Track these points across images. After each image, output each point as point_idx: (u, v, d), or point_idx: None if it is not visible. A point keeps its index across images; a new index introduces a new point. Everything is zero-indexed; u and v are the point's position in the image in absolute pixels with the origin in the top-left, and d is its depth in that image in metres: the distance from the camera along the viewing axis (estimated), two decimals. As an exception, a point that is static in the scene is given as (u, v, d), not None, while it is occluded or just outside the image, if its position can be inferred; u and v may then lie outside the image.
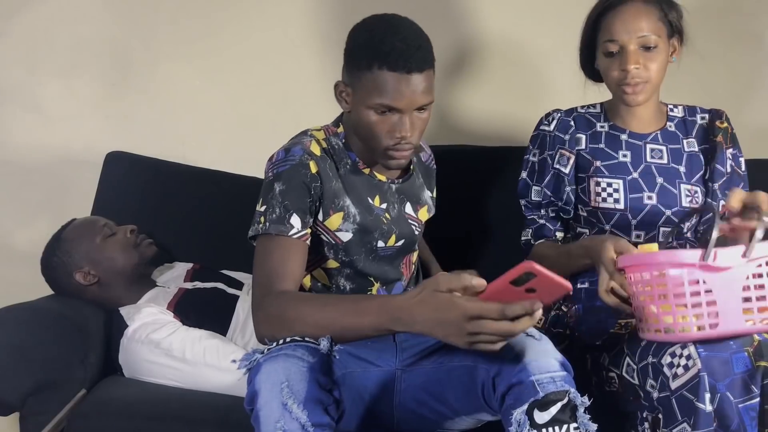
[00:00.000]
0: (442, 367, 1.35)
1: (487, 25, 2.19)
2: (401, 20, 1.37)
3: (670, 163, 1.65)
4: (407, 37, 1.33)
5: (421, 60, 1.32)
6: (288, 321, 1.25)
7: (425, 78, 1.34)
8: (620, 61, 1.57)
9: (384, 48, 1.31)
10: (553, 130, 1.71)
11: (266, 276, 1.32)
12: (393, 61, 1.30)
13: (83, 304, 1.76)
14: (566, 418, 1.16)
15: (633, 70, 1.56)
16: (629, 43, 1.56)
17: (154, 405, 1.55)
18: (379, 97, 1.33)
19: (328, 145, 1.46)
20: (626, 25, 1.56)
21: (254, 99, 2.19)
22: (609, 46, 1.58)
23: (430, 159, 1.66)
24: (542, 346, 1.22)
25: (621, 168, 1.64)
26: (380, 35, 1.33)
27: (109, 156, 2.03)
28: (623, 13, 1.57)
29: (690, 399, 1.26)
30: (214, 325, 1.74)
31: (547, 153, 1.70)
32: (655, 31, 1.56)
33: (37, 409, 1.53)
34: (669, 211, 1.61)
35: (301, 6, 2.17)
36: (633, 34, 1.55)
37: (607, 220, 1.63)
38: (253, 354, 1.23)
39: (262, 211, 1.38)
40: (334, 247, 1.45)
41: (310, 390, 1.16)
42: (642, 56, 1.56)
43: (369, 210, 1.46)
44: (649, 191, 1.62)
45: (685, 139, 1.69)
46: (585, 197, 1.66)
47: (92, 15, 2.13)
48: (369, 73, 1.33)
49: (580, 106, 1.75)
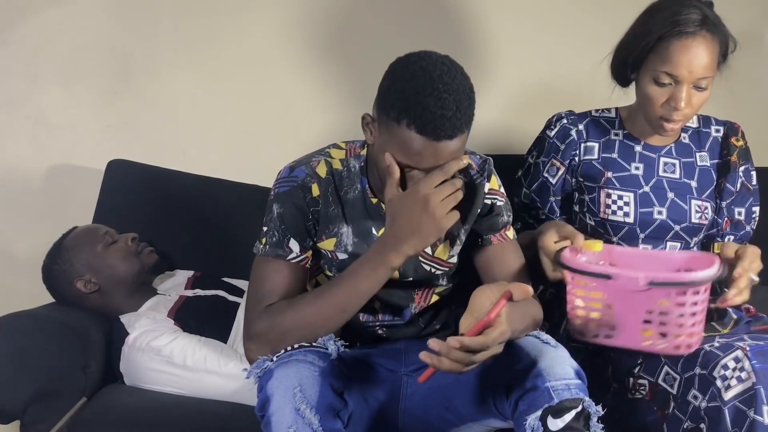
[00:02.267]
0: (450, 373, 1.34)
1: (487, 31, 2.20)
2: (444, 75, 1.21)
3: (682, 177, 1.63)
4: (445, 99, 1.19)
5: (455, 127, 1.20)
6: (284, 330, 1.26)
7: (456, 142, 1.23)
8: (671, 95, 1.49)
9: (417, 109, 1.19)
10: (552, 137, 1.67)
11: (259, 302, 1.32)
12: (423, 125, 1.20)
13: (84, 312, 1.76)
14: (580, 426, 1.16)
15: (684, 109, 1.49)
16: (687, 82, 1.47)
17: (155, 412, 1.55)
18: (401, 155, 1.24)
19: (343, 167, 1.40)
20: (690, 63, 1.46)
21: (255, 107, 2.19)
22: (663, 77, 1.48)
23: (477, 174, 1.44)
24: (558, 353, 1.23)
25: (633, 181, 1.62)
26: (416, 91, 1.20)
27: (110, 164, 2.03)
28: (689, 49, 1.46)
29: (743, 410, 1.28)
30: (215, 332, 1.74)
31: (542, 158, 1.68)
32: (712, 71, 1.49)
33: (37, 418, 1.52)
34: (678, 226, 1.60)
35: (303, 14, 2.17)
36: (694, 75, 1.46)
37: (615, 232, 1.62)
38: (263, 362, 1.23)
39: (264, 232, 1.37)
40: (330, 262, 1.43)
41: (323, 395, 1.16)
42: (693, 95, 1.49)
43: (369, 241, 1.40)
44: (660, 206, 1.60)
45: (698, 152, 1.66)
46: (594, 208, 1.63)
47: (93, 23, 2.14)
48: (397, 126, 1.22)
49: (594, 110, 1.70)
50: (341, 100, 2.19)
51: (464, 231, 1.43)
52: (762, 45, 2.26)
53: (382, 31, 2.17)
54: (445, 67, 1.22)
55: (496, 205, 1.44)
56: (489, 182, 1.44)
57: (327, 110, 2.20)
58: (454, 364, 1.14)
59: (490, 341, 1.14)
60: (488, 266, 1.43)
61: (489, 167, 1.45)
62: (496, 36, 2.20)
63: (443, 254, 1.44)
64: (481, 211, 1.43)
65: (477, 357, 1.15)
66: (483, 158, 1.46)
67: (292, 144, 2.16)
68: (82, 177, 2.13)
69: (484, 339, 1.14)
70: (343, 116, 2.18)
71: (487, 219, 1.44)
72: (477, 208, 1.42)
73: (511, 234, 1.46)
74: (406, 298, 1.46)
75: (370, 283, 1.29)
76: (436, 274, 1.45)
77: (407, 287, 1.44)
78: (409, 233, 1.25)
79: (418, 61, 1.23)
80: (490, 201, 1.44)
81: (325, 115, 2.19)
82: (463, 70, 1.26)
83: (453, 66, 1.24)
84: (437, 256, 1.44)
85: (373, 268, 1.28)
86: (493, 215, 1.44)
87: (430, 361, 1.13)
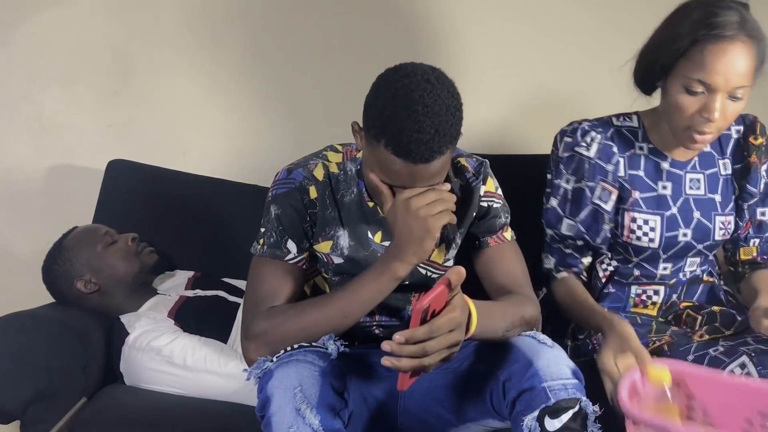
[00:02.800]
0: (448, 373, 1.34)
1: (487, 31, 2.20)
2: (425, 97, 1.17)
3: (707, 193, 1.54)
4: (422, 123, 1.16)
5: (432, 150, 1.17)
6: (285, 332, 1.26)
7: (436, 164, 1.21)
8: (703, 105, 1.36)
9: (394, 131, 1.17)
10: (593, 157, 1.51)
11: (257, 303, 1.32)
12: (398, 149, 1.18)
13: (84, 312, 1.76)
14: (577, 426, 1.16)
15: (716, 121, 1.36)
16: (722, 91, 1.34)
17: (155, 413, 1.55)
18: (382, 174, 1.24)
19: (340, 170, 1.41)
20: (726, 70, 1.33)
21: (255, 108, 2.19)
22: (695, 86, 1.35)
23: (473, 177, 1.44)
24: (554, 354, 1.22)
25: (660, 203, 1.51)
26: (394, 112, 1.17)
27: (110, 164, 2.03)
28: (726, 55, 1.32)
29: None
30: (215, 332, 1.74)
31: (586, 183, 1.52)
32: (750, 80, 1.35)
33: (37, 418, 1.53)
34: (701, 245, 1.54)
35: (303, 15, 2.18)
36: (730, 83, 1.33)
37: (636, 254, 1.54)
38: (263, 362, 1.23)
39: (262, 233, 1.38)
40: (325, 266, 1.44)
41: (323, 394, 1.16)
42: (727, 105, 1.36)
43: (365, 245, 1.41)
44: (685, 227, 1.52)
45: (721, 159, 1.57)
46: (617, 231, 1.54)
47: (94, 23, 2.14)
48: (376, 144, 1.20)
49: (615, 117, 1.56)
50: (341, 101, 2.18)
51: (460, 234, 1.44)
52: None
53: (382, 32, 2.17)
54: (429, 86, 1.17)
55: (493, 207, 1.44)
56: (485, 185, 1.44)
57: (327, 110, 2.20)
58: (411, 360, 1.09)
59: (435, 328, 1.09)
60: (487, 269, 1.43)
61: (485, 170, 1.45)
62: (495, 36, 2.20)
63: (439, 258, 1.45)
64: (477, 213, 1.43)
65: (429, 345, 1.09)
66: (479, 161, 1.46)
67: (292, 144, 2.16)
68: (82, 177, 2.13)
69: (428, 327, 1.09)
70: (343, 116, 2.16)
71: (483, 221, 1.44)
72: (472, 211, 1.42)
73: (508, 235, 1.45)
74: (403, 300, 1.46)
75: (373, 292, 1.29)
76: (432, 277, 1.45)
77: (404, 290, 1.44)
78: (405, 241, 1.26)
79: (402, 79, 1.19)
80: (486, 203, 1.44)
81: (325, 115, 2.19)
82: (451, 87, 1.21)
83: (439, 84, 1.19)
84: (433, 260, 1.44)
85: (376, 277, 1.29)
86: (490, 217, 1.44)
87: (391, 365, 1.09)
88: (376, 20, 2.18)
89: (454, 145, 1.23)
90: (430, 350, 1.10)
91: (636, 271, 1.57)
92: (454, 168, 1.45)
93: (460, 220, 1.39)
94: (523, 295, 1.38)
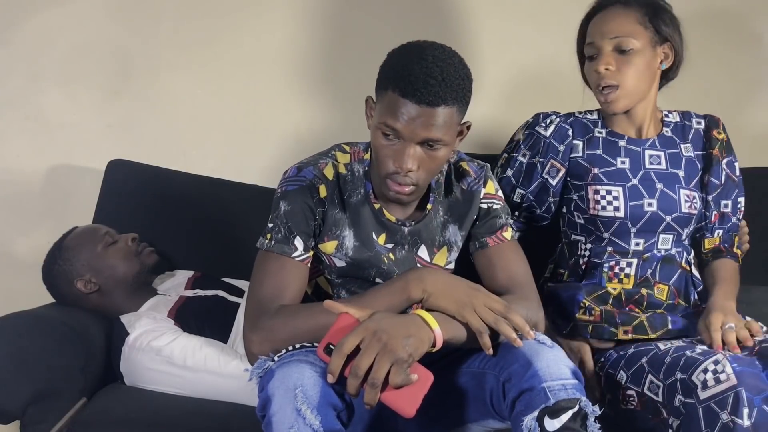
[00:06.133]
0: (448, 374, 1.34)
1: (483, 30, 2.20)
2: (436, 50, 1.28)
3: (669, 168, 1.64)
4: (431, 68, 1.24)
5: (437, 95, 1.24)
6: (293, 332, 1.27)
7: (439, 114, 1.25)
8: (595, 63, 1.58)
9: (401, 72, 1.25)
10: (549, 137, 1.66)
11: (263, 297, 1.32)
12: (404, 87, 1.24)
13: (84, 312, 1.76)
14: (577, 426, 1.16)
15: (603, 71, 1.56)
16: (603, 45, 1.56)
17: (155, 413, 1.55)
18: (385, 117, 1.28)
19: (348, 171, 1.43)
20: (600, 27, 1.58)
21: (255, 107, 2.19)
22: (587, 50, 1.60)
23: (475, 181, 1.49)
24: (554, 354, 1.22)
25: (620, 175, 1.62)
26: (404, 60, 1.27)
27: (110, 164, 2.03)
28: (600, 17, 1.59)
29: (716, 411, 1.27)
30: (215, 332, 1.74)
31: (539, 159, 1.66)
32: (630, 34, 1.55)
33: (37, 418, 1.52)
34: (669, 217, 1.61)
35: (304, 14, 2.18)
36: (606, 36, 1.56)
37: (606, 228, 1.62)
38: (264, 362, 1.23)
39: (270, 228, 1.38)
40: (328, 268, 1.45)
41: (324, 395, 1.16)
42: (616, 59, 1.56)
43: (369, 246, 1.42)
44: (649, 197, 1.60)
45: (683, 144, 1.68)
46: (583, 205, 1.63)
47: (93, 23, 2.14)
48: (384, 94, 1.28)
49: (578, 112, 1.72)
50: (341, 100, 2.19)
51: (461, 237, 1.47)
52: (762, 46, 2.26)
53: (381, 31, 2.17)
54: (441, 48, 1.29)
55: (493, 208, 1.47)
56: (485, 187, 1.48)
57: (327, 110, 2.20)
58: (352, 383, 1.15)
59: (341, 352, 1.15)
60: (488, 269, 1.44)
61: (486, 173, 1.49)
62: (496, 36, 2.20)
63: (441, 260, 1.47)
64: (477, 214, 1.46)
65: (355, 366, 1.14)
66: (481, 165, 1.51)
67: (292, 144, 2.16)
68: (82, 177, 2.13)
69: (336, 355, 1.15)
70: (343, 116, 2.18)
71: (483, 222, 1.47)
72: (473, 214, 1.47)
73: (508, 235, 1.47)
74: None
75: (385, 306, 1.29)
76: None
77: None
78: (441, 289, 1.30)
79: (412, 43, 1.31)
80: (486, 204, 1.47)
81: (325, 115, 2.19)
82: (462, 59, 1.31)
83: (451, 51, 1.30)
84: (435, 263, 1.46)
85: (392, 292, 1.31)
86: (490, 218, 1.47)
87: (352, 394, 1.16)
88: (375, 20, 2.19)
89: (461, 107, 1.29)
90: (359, 371, 1.14)
91: (609, 248, 1.63)
92: (456, 172, 1.49)
93: (461, 223, 1.46)
94: (522, 295, 1.38)
